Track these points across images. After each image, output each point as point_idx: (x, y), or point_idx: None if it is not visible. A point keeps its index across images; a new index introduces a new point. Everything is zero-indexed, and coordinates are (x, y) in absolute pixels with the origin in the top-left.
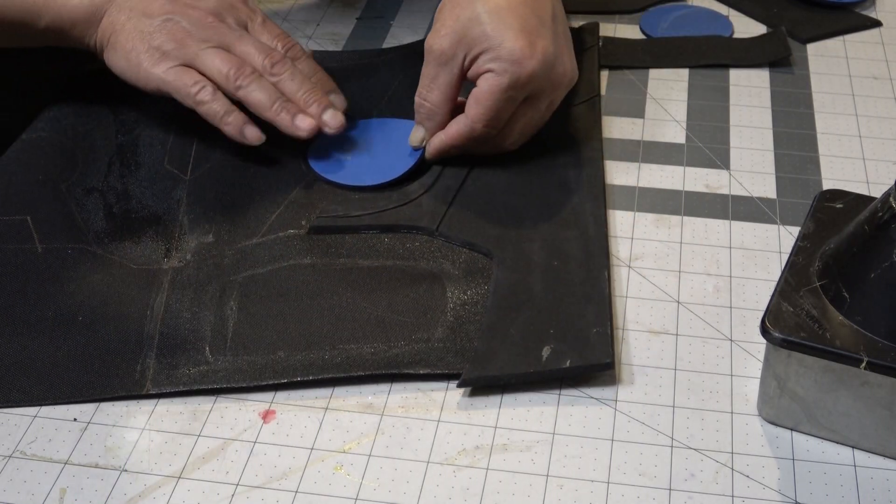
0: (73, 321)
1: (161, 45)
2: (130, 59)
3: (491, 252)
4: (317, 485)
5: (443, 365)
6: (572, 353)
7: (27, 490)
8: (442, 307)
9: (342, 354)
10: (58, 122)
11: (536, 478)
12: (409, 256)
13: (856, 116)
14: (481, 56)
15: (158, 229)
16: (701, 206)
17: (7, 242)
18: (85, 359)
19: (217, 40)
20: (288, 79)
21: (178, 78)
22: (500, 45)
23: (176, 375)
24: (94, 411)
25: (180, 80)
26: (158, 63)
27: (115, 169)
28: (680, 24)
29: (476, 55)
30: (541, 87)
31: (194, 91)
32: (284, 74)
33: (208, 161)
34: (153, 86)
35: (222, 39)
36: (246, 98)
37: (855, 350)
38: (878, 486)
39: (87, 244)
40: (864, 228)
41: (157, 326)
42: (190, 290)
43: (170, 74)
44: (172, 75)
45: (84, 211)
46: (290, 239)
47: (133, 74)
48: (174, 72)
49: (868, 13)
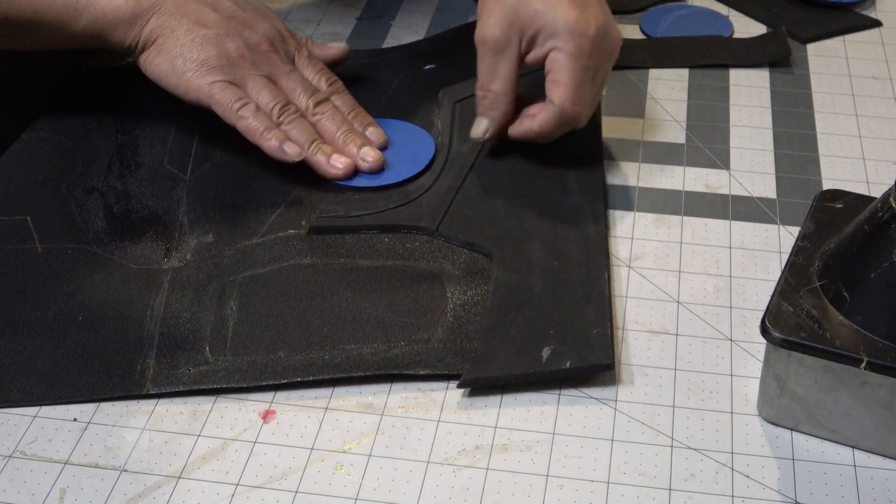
0: (73, 321)
1: (212, 59)
2: (176, 65)
3: (491, 252)
4: (317, 485)
5: (443, 365)
6: (572, 353)
7: (27, 490)
8: (442, 307)
9: (342, 355)
10: (58, 122)
11: (536, 478)
12: (409, 256)
13: (856, 116)
14: (539, 36)
15: (158, 229)
16: (701, 206)
17: (7, 242)
18: (85, 359)
19: (267, 70)
20: (328, 119)
21: (223, 92)
22: (554, 20)
23: (176, 375)
24: (94, 411)
25: (225, 94)
26: (206, 75)
27: (115, 169)
28: (680, 24)
29: (532, 35)
30: (599, 56)
31: (237, 107)
32: (325, 115)
33: (208, 161)
34: (194, 95)
35: (272, 70)
36: (285, 135)
37: (855, 350)
38: (878, 486)
39: (87, 244)
40: (864, 228)
41: (157, 326)
42: (190, 290)
43: (215, 88)
44: (218, 89)
45: (84, 211)
46: (290, 239)
47: (175, 80)
48: (220, 86)
49: (868, 13)
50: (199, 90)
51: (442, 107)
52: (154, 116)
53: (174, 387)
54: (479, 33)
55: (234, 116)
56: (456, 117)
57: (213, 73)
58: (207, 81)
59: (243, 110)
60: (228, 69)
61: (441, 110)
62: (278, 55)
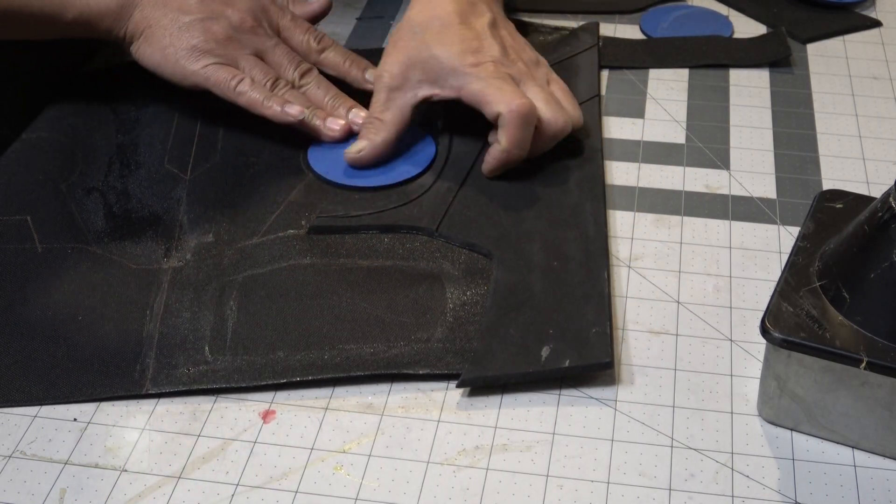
0: (72, 321)
1: (200, 44)
2: (168, 54)
3: (491, 252)
4: (317, 485)
5: (442, 365)
6: (571, 352)
7: (27, 490)
8: (441, 307)
9: (342, 354)
10: (58, 122)
11: (536, 478)
12: (408, 257)
13: (856, 116)
14: (441, 78)
15: (158, 229)
16: (701, 206)
17: (7, 242)
18: (85, 359)
19: (253, 47)
20: (315, 87)
21: (217, 73)
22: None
23: (175, 375)
24: (94, 411)
25: (219, 75)
26: (198, 60)
27: (115, 169)
28: (680, 24)
29: (434, 78)
30: (515, 68)
31: (234, 83)
32: (311, 84)
33: (208, 161)
34: (190, 81)
35: (258, 46)
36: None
37: (855, 350)
38: (878, 486)
39: (87, 244)
40: (864, 228)
41: (157, 326)
42: (190, 290)
43: (209, 70)
44: (213, 70)
45: (84, 211)
46: (289, 239)
47: (169, 69)
48: (213, 68)
49: (868, 13)
50: (194, 75)
51: (441, 108)
52: (154, 116)
53: (174, 386)
54: (377, 70)
55: (233, 94)
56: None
57: (204, 57)
58: (201, 65)
59: (241, 86)
60: (219, 51)
61: (440, 111)
62: (263, 29)
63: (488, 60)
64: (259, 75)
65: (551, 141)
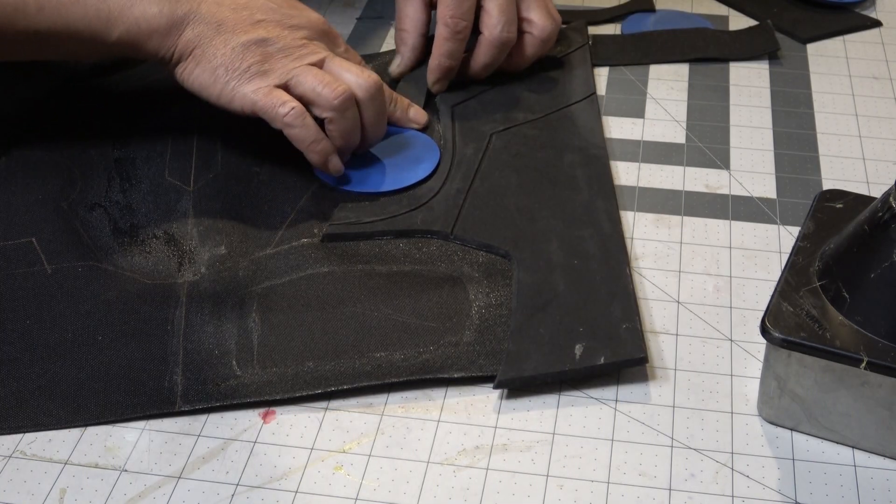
0: (93, 341)
1: (253, 66)
2: (218, 75)
3: (509, 253)
4: (317, 485)
5: (475, 368)
6: (605, 349)
7: (27, 490)
8: (467, 310)
9: (372, 363)
10: (48, 138)
11: (536, 478)
12: (426, 261)
13: (856, 116)
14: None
15: (168, 242)
16: (701, 206)
17: (16, 267)
18: (109, 378)
19: (308, 60)
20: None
21: (267, 97)
22: None
23: (206, 391)
24: None
25: (268, 99)
26: (249, 82)
27: (115, 184)
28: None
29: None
30: None
31: (283, 112)
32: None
33: (210, 171)
34: (238, 105)
35: (313, 60)
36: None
37: (855, 350)
38: (878, 486)
39: (96, 261)
40: (864, 228)
41: (181, 341)
42: (209, 303)
43: (259, 94)
44: (262, 95)
45: (89, 228)
46: (304, 248)
47: (218, 90)
48: (263, 91)
49: (868, 13)
50: (243, 98)
51: (441, 111)
52: (149, 129)
53: (206, 402)
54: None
55: (281, 124)
56: (456, 120)
57: (256, 80)
58: (252, 89)
59: (289, 116)
60: (272, 73)
61: (440, 115)
62: (315, 44)
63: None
64: (313, 82)
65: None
